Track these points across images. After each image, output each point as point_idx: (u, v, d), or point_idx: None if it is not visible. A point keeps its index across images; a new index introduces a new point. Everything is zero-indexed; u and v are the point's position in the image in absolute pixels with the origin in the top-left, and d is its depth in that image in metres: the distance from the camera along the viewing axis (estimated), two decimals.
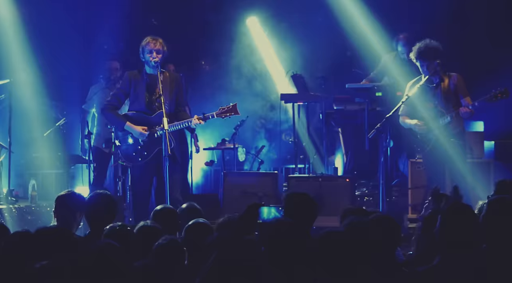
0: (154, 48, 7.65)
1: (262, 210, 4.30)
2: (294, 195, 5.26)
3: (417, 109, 8.27)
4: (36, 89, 10.65)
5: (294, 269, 3.65)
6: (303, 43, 11.68)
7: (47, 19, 10.67)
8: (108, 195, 5.80)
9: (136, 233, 4.78)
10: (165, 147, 7.30)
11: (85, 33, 11.26)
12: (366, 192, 10.14)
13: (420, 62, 8.17)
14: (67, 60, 10.86)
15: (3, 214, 8.81)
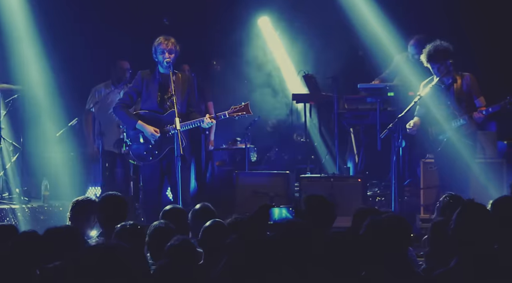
0: (166, 48, 7.67)
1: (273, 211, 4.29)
2: (311, 197, 5.26)
3: (430, 109, 8.25)
4: (49, 89, 10.69)
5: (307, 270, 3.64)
6: (314, 43, 11.66)
7: (59, 19, 10.71)
8: (119, 196, 5.85)
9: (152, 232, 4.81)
10: (177, 146, 7.30)
11: (97, 33, 11.28)
12: (378, 192, 10.13)
13: (431, 64, 8.15)
14: (79, 60, 10.89)
15: (16, 214, 8.87)
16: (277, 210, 4.29)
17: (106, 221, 5.49)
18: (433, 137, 8.28)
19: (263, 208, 4.11)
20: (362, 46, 11.35)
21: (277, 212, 4.29)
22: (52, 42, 10.72)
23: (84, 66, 10.90)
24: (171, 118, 7.61)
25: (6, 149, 9.98)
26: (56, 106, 10.75)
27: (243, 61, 12.02)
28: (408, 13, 10.77)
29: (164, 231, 5.01)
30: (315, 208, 5.10)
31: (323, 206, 5.14)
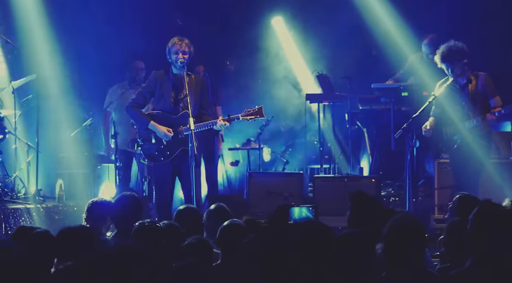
0: (180, 49, 7.67)
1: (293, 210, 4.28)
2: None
3: (444, 110, 8.22)
4: (63, 90, 10.74)
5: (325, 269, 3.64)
6: (328, 42, 11.65)
7: (74, 19, 10.76)
8: (134, 197, 5.87)
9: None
10: (191, 147, 7.31)
11: (111, 33, 11.31)
12: (392, 192, 10.10)
13: (445, 64, 8.12)
14: (94, 60, 10.92)
15: (31, 214, 8.90)
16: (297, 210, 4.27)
17: (121, 221, 5.52)
18: (447, 137, 8.26)
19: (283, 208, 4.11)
20: (376, 46, 11.33)
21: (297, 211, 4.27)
22: (67, 42, 10.77)
23: (99, 66, 10.93)
24: (184, 119, 7.61)
25: (21, 149, 10.04)
26: (71, 107, 10.80)
27: (257, 62, 12.02)
28: (422, 13, 10.73)
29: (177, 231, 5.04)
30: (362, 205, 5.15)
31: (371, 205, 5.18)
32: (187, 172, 7.49)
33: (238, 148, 11.35)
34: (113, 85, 10.38)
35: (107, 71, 11.00)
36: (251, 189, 9.62)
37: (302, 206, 4.37)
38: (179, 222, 5.57)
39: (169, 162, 7.76)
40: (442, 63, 8.15)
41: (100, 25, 11.07)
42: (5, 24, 10.24)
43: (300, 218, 4.24)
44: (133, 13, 11.44)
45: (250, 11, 12.07)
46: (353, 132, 10.72)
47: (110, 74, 10.95)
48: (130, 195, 5.86)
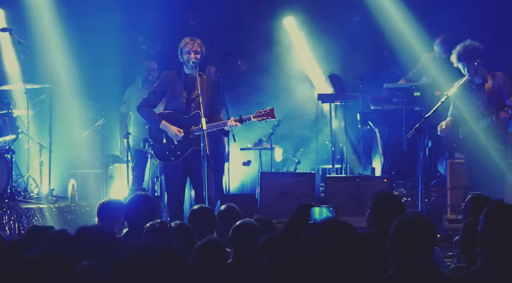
0: (192, 49, 7.68)
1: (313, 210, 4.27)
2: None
3: (459, 109, 8.19)
4: (76, 90, 10.78)
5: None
6: (340, 43, 11.63)
7: (87, 20, 10.79)
8: (147, 196, 5.89)
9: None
10: (203, 147, 7.31)
11: (123, 34, 11.35)
12: (404, 192, 10.06)
13: (462, 64, 8.09)
14: (106, 61, 10.96)
15: (44, 213, 8.94)
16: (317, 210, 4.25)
17: (134, 220, 5.53)
18: (463, 137, 8.22)
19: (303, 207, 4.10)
20: (388, 46, 11.30)
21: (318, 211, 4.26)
22: (80, 43, 10.81)
23: (111, 66, 10.97)
24: (196, 119, 7.61)
25: (34, 149, 10.09)
26: (83, 107, 10.84)
27: (268, 61, 12.01)
28: (435, 12, 10.69)
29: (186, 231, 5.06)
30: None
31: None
32: (198, 172, 7.48)
33: (250, 148, 11.35)
34: (128, 86, 10.43)
35: (120, 72, 11.03)
36: (263, 189, 9.61)
37: (323, 206, 4.34)
38: (193, 221, 5.59)
39: (180, 162, 7.76)
40: (458, 63, 8.12)
41: (113, 25, 11.11)
42: (18, 25, 10.29)
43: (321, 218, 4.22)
44: (145, 13, 11.48)
45: (262, 11, 12.08)
46: (365, 132, 10.69)
47: (123, 74, 10.99)
48: (143, 195, 5.88)
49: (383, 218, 4.92)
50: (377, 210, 5.25)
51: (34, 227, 5.24)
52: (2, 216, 8.58)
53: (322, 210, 4.31)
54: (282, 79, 11.96)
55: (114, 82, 11.00)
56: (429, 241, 3.87)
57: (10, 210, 8.69)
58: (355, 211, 7.97)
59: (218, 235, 5.56)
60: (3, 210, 8.64)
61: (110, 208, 5.80)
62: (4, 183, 8.94)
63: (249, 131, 11.29)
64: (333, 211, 4.36)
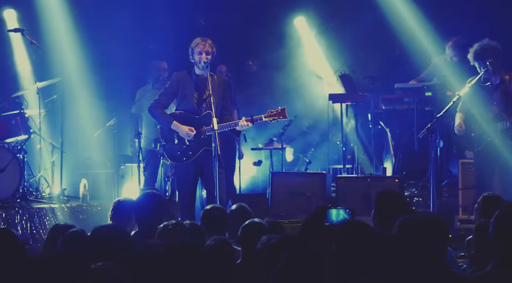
0: (203, 49, 7.68)
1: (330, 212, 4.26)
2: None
3: (472, 109, 8.14)
4: (87, 90, 10.82)
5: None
6: (351, 42, 11.61)
7: (99, 20, 10.83)
8: (156, 195, 5.89)
9: None
10: (214, 146, 7.31)
11: (134, 34, 11.38)
12: (416, 192, 10.04)
13: (478, 63, 8.06)
14: (117, 61, 10.99)
15: (56, 213, 8.98)
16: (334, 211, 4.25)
17: (144, 220, 5.53)
18: (475, 136, 8.18)
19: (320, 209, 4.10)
20: (399, 46, 11.28)
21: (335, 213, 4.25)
22: (91, 43, 10.85)
23: (122, 67, 11.00)
24: (207, 119, 7.61)
25: (46, 149, 10.13)
26: (95, 107, 10.88)
27: (279, 61, 12.01)
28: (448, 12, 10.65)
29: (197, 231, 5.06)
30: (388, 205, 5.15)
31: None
32: (210, 172, 7.49)
33: (260, 147, 11.35)
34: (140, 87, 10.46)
35: (131, 72, 11.06)
36: (274, 189, 9.60)
37: (339, 208, 4.34)
38: (206, 221, 5.59)
39: (192, 162, 7.76)
40: (474, 62, 8.08)
41: (124, 26, 11.14)
42: (30, 25, 10.34)
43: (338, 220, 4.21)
44: (156, 13, 11.50)
45: (273, 11, 12.08)
46: (376, 132, 10.67)
47: (134, 74, 11.02)
48: (151, 193, 5.89)
49: (386, 218, 4.93)
50: (381, 210, 5.25)
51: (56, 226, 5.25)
52: (14, 215, 8.62)
53: (339, 212, 4.31)
54: (293, 79, 11.95)
55: (125, 82, 11.03)
56: (439, 241, 3.85)
57: (22, 210, 8.73)
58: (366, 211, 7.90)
59: (229, 234, 5.57)
60: (15, 209, 8.68)
61: (125, 207, 5.81)
62: (16, 182, 8.98)
63: (260, 131, 11.30)
64: (349, 213, 4.36)
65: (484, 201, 5.76)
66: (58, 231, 4.93)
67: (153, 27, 11.34)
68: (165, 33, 11.26)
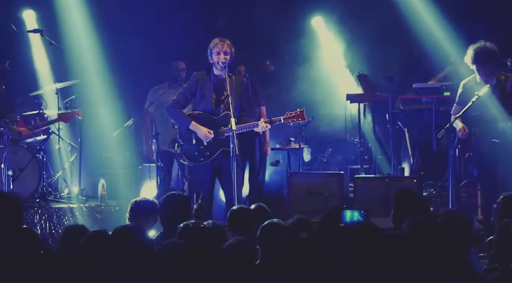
0: (222, 49, 7.70)
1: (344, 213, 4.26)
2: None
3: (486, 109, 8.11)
4: (106, 90, 10.86)
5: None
6: (368, 42, 11.58)
7: (116, 21, 10.87)
8: (183, 196, 5.92)
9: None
10: (233, 147, 7.31)
11: (152, 34, 11.41)
12: (434, 192, 10.00)
13: (476, 66, 8.08)
14: (135, 61, 11.03)
15: (74, 213, 9.04)
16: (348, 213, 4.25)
17: (168, 220, 5.56)
18: (476, 138, 8.17)
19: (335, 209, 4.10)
20: (417, 46, 11.23)
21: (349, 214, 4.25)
22: (110, 43, 10.90)
23: (140, 67, 11.04)
24: (225, 120, 7.62)
25: (65, 149, 10.20)
26: (113, 107, 10.92)
27: (297, 61, 12.00)
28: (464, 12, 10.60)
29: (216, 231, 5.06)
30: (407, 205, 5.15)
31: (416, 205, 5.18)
32: (228, 173, 7.49)
33: (278, 148, 11.34)
34: (154, 86, 10.47)
35: (149, 72, 11.09)
36: (292, 189, 9.59)
37: (354, 210, 4.34)
38: (232, 222, 5.58)
39: (209, 162, 7.78)
40: (472, 64, 8.09)
41: (142, 26, 11.18)
42: (49, 26, 10.40)
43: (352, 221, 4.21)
44: (174, 14, 11.52)
45: (290, 11, 12.07)
46: (394, 132, 10.63)
47: (152, 75, 11.05)
48: (178, 194, 5.92)
49: (404, 218, 4.92)
50: (399, 209, 5.25)
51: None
52: (34, 215, 8.68)
53: (353, 214, 4.31)
54: (310, 79, 11.93)
55: (143, 82, 11.06)
56: (468, 241, 3.84)
57: (41, 210, 8.80)
58: (385, 211, 7.90)
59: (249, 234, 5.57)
60: (35, 209, 8.74)
61: (144, 207, 5.83)
62: (35, 182, 9.05)
63: (277, 132, 11.29)
64: (363, 214, 4.36)
65: (504, 201, 5.73)
66: (72, 232, 4.96)
67: (172, 28, 11.36)
68: (184, 33, 11.28)
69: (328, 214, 4.06)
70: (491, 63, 8.03)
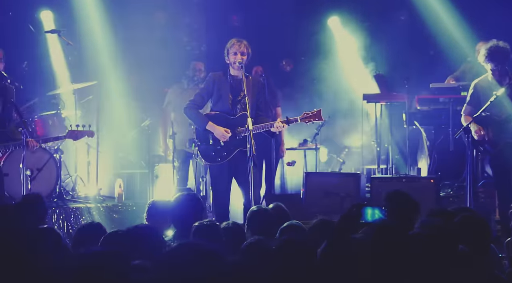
0: (239, 50, 7.69)
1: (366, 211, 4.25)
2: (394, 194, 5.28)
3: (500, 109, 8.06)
4: (122, 91, 10.90)
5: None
6: (385, 42, 11.56)
7: (134, 21, 10.91)
8: (195, 196, 5.92)
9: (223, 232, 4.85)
10: (249, 147, 7.31)
11: (169, 34, 11.44)
12: (451, 193, 9.94)
13: (491, 64, 8.02)
14: (151, 61, 11.06)
15: (91, 213, 9.06)
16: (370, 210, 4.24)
17: (181, 221, 5.56)
18: (489, 138, 8.12)
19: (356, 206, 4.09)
20: (434, 45, 11.18)
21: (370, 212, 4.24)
22: (127, 44, 10.94)
23: (157, 67, 11.07)
24: (242, 120, 7.62)
25: (82, 149, 10.24)
26: (130, 107, 10.96)
27: (313, 61, 11.99)
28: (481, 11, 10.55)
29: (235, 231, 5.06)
30: (399, 204, 5.11)
31: (407, 203, 5.14)
32: (244, 172, 7.48)
33: (294, 148, 11.33)
34: (172, 86, 10.49)
35: (165, 72, 11.12)
36: (308, 189, 9.57)
37: (375, 207, 4.32)
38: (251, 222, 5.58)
39: (226, 162, 7.77)
40: (486, 63, 8.04)
41: (159, 26, 11.21)
42: (66, 26, 10.45)
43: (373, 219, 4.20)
44: (191, 14, 11.55)
45: (306, 11, 12.06)
46: (411, 132, 10.59)
47: (168, 75, 11.07)
48: (191, 195, 5.91)
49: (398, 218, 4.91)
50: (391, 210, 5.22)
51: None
52: (51, 215, 8.72)
53: (375, 211, 4.30)
54: (327, 79, 11.92)
55: (159, 82, 11.09)
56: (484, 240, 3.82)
57: (59, 209, 8.84)
58: None
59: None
60: (52, 209, 8.78)
61: (161, 207, 5.85)
62: (53, 182, 9.11)
63: (294, 132, 11.29)
64: (385, 211, 4.34)
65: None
66: (85, 231, 4.99)
67: (188, 28, 11.39)
68: (200, 34, 11.31)
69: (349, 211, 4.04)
70: (506, 62, 7.97)
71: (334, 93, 11.83)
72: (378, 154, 10.83)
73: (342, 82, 12.00)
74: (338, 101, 11.78)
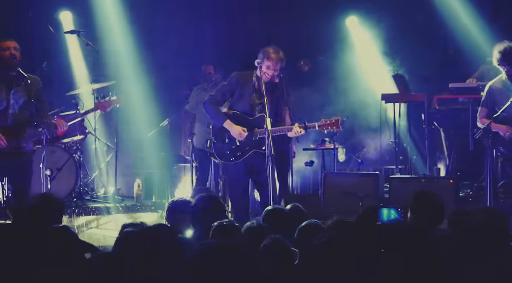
0: (275, 68, 7.61)
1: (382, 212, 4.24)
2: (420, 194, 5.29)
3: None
4: (141, 91, 10.94)
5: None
6: (403, 42, 11.50)
7: (153, 22, 10.95)
8: (214, 197, 5.93)
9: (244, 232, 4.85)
10: (268, 147, 7.29)
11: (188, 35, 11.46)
12: (471, 193, 9.89)
13: (502, 66, 8.00)
14: (170, 62, 11.09)
15: (111, 212, 9.11)
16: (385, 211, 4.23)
17: (200, 221, 5.57)
18: (509, 139, 8.10)
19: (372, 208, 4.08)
20: (453, 45, 11.12)
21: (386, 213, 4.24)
22: (146, 45, 10.97)
23: (176, 67, 11.10)
24: (260, 121, 7.61)
25: (101, 149, 10.30)
26: (148, 107, 10.99)
27: (330, 61, 11.96)
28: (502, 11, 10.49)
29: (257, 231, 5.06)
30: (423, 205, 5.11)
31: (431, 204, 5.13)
32: (262, 173, 7.47)
33: (312, 148, 11.31)
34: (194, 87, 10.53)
35: (184, 73, 11.15)
36: (326, 189, 9.56)
37: (391, 208, 4.31)
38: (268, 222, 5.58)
39: (242, 162, 7.76)
40: (498, 65, 8.01)
41: (178, 27, 11.24)
42: (85, 27, 10.50)
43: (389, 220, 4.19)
44: (209, 15, 11.56)
45: (324, 11, 12.03)
46: (430, 132, 10.54)
47: (187, 76, 11.10)
48: (210, 195, 5.92)
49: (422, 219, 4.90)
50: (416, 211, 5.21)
51: None
52: (71, 214, 8.77)
53: (390, 212, 4.29)
54: (344, 79, 11.89)
55: (178, 83, 11.12)
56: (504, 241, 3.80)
57: (78, 209, 8.89)
58: None
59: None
60: (72, 208, 8.83)
61: (181, 207, 5.86)
62: (72, 182, 9.16)
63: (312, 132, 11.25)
64: (401, 212, 4.33)
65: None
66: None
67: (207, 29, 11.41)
68: (218, 35, 11.31)
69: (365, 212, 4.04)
70: None
71: (352, 93, 11.79)
72: (397, 154, 10.79)
73: (360, 82, 11.95)
74: (356, 101, 11.74)
